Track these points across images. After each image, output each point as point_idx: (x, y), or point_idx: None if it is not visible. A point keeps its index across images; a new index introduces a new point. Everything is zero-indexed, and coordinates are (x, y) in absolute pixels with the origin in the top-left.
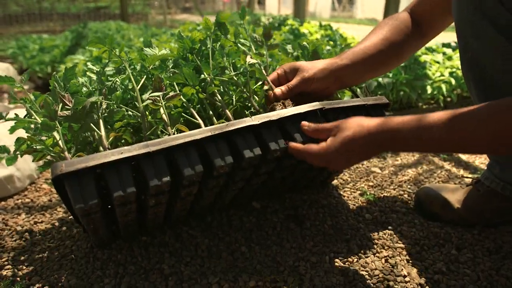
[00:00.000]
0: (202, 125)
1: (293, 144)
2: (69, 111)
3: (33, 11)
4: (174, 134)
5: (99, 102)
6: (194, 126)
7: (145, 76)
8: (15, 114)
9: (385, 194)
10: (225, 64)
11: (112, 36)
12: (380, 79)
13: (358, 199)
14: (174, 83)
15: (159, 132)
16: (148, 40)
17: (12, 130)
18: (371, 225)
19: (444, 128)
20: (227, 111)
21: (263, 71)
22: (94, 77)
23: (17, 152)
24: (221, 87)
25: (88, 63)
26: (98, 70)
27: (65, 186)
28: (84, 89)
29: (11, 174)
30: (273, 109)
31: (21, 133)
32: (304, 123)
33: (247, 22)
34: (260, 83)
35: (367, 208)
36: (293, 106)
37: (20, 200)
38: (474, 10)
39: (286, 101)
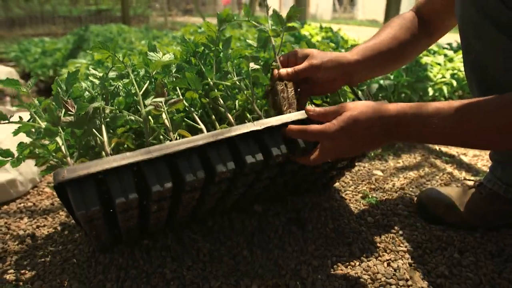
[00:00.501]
0: (205, 130)
1: (293, 126)
2: (72, 117)
3: (35, 14)
4: (176, 139)
5: (101, 108)
6: (196, 131)
7: (148, 82)
8: (19, 117)
9: (387, 197)
10: (228, 69)
11: (116, 41)
12: (381, 81)
13: (360, 202)
14: (177, 87)
15: (161, 137)
16: (153, 45)
17: (15, 133)
18: (373, 228)
19: (451, 118)
20: (229, 116)
21: (275, 51)
22: (96, 81)
23: (20, 157)
24: (224, 91)
25: (90, 67)
26: (101, 74)
27: (67, 192)
28: (87, 93)
29: (14, 178)
30: (274, 88)
31: (23, 136)
32: (309, 108)
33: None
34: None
35: (369, 211)
36: (295, 90)
37: (22, 204)
38: (476, 11)
39: (289, 83)
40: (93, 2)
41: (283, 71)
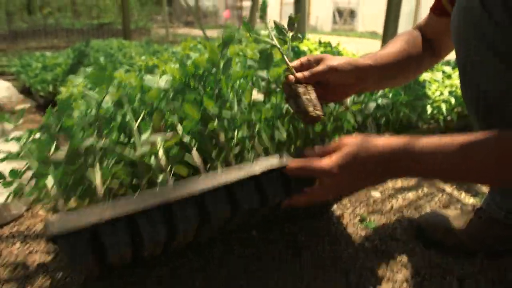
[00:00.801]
0: (201, 168)
1: (292, 164)
2: (64, 153)
3: (38, 27)
4: (171, 173)
5: (95, 144)
6: (194, 167)
7: (143, 113)
8: (7, 155)
9: (385, 220)
10: (229, 96)
11: (112, 70)
12: (379, 100)
13: (357, 226)
14: (176, 114)
15: (157, 174)
16: (151, 66)
17: (2, 160)
18: (371, 254)
19: (452, 155)
20: (229, 153)
21: (285, 57)
22: (92, 103)
23: (11, 191)
24: (225, 121)
25: (87, 88)
26: (97, 96)
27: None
28: (80, 119)
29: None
30: (294, 91)
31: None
32: (308, 152)
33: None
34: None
35: (366, 235)
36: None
37: (15, 228)
38: (474, 34)
39: (308, 85)
40: (96, 15)
41: (299, 74)
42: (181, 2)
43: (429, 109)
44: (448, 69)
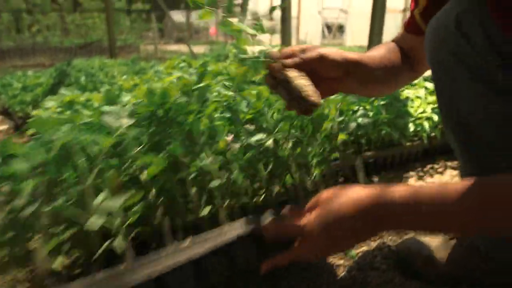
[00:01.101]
0: (167, 232)
1: (268, 226)
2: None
3: (26, 45)
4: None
5: (39, 209)
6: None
7: (97, 169)
8: None
9: (365, 248)
10: (202, 140)
11: (59, 118)
12: (359, 120)
13: (336, 254)
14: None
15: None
16: (111, 98)
17: None
18: (349, 285)
19: (443, 206)
20: (198, 211)
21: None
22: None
23: None
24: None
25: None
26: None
27: None
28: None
29: None
30: (284, 77)
31: None
32: (286, 211)
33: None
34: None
35: (345, 265)
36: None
37: None
38: (448, 54)
39: (300, 70)
40: (85, 33)
41: (289, 60)
42: (172, 19)
43: (411, 126)
44: (430, 85)
